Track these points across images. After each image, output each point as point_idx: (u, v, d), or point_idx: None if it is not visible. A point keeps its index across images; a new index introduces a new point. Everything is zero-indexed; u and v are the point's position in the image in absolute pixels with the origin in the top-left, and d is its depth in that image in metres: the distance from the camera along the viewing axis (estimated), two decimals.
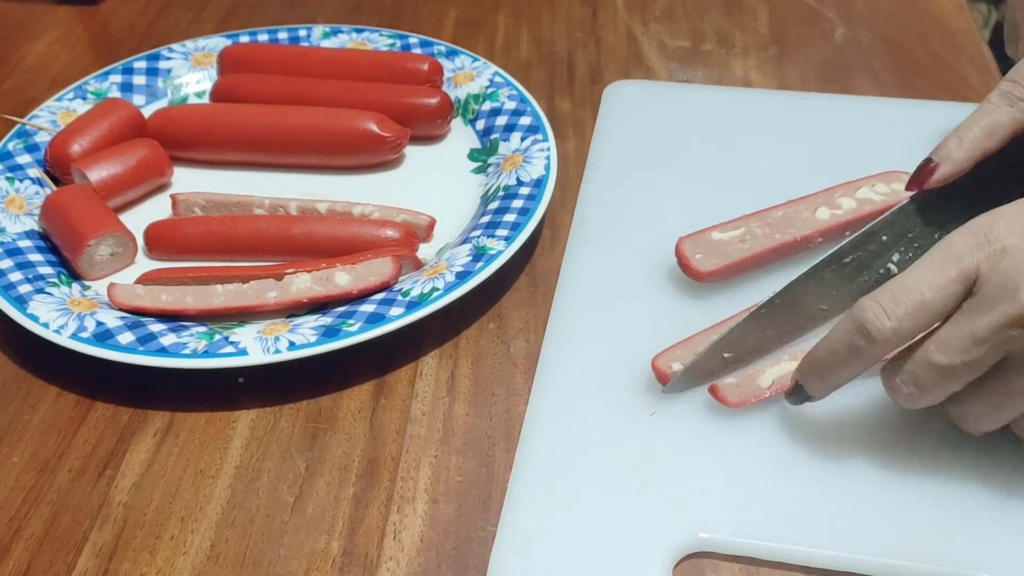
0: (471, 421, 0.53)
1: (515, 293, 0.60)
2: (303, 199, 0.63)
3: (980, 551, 0.44)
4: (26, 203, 0.64)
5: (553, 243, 0.63)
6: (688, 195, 0.64)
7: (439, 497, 0.49)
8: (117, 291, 0.57)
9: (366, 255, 0.57)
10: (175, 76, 0.75)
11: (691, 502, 0.47)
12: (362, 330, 0.53)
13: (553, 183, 0.63)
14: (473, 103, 0.72)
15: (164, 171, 0.67)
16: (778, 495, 0.47)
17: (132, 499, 0.50)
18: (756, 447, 0.49)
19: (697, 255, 0.56)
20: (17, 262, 0.59)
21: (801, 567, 0.45)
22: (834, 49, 0.80)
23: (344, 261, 0.57)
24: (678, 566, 0.45)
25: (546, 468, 0.49)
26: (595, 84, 0.77)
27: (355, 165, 0.68)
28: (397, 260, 0.57)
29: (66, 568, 0.47)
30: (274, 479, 0.50)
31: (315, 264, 0.57)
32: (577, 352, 0.54)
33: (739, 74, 0.78)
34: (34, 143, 0.68)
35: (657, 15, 0.85)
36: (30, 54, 0.83)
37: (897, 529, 0.45)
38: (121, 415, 0.54)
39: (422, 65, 0.72)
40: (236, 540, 0.48)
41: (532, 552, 0.45)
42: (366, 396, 0.54)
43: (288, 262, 0.58)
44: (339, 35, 0.78)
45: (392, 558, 0.47)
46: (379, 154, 0.67)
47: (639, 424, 0.50)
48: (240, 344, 0.53)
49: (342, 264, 0.57)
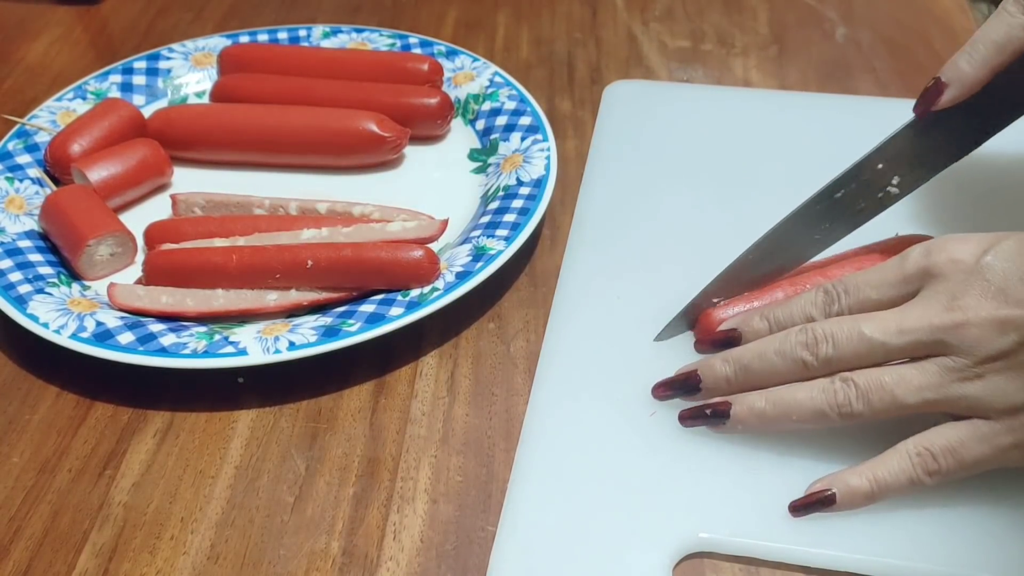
0: (471, 421, 0.53)
1: (515, 293, 0.60)
2: (303, 199, 0.63)
3: (980, 551, 0.44)
4: (26, 203, 0.64)
5: (553, 243, 0.63)
6: (688, 195, 0.64)
7: (439, 497, 0.49)
8: (117, 291, 0.58)
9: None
10: (175, 76, 0.75)
11: (691, 502, 0.47)
12: (362, 330, 0.53)
13: (553, 183, 0.63)
14: (473, 103, 0.72)
15: (164, 171, 0.67)
16: (778, 495, 0.47)
17: (132, 499, 0.50)
18: (756, 447, 0.49)
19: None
20: (17, 262, 0.59)
21: (801, 567, 0.45)
22: (835, 49, 0.80)
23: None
24: (678, 566, 0.45)
25: (546, 468, 0.49)
26: (595, 84, 0.77)
27: (355, 165, 0.68)
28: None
29: (66, 568, 0.47)
30: (274, 479, 0.50)
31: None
32: (577, 352, 0.54)
33: (739, 74, 0.78)
34: (34, 143, 0.68)
35: (657, 15, 0.85)
36: (30, 54, 0.83)
37: (897, 529, 0.45)
38: (121, 415, 0.54)
39: (422, 65, 0.72)
40: (236, 540, 0.48)
41: (532, 552, 0.45)
42: (366, 396, 0.54)
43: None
44: (339, 35, 0.78)
45: (392, 558, 0.47)
46: (379, 154, 0.67)
47: (639, 424, 0.50)
48: (240, 344, 0.53)
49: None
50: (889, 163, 0.51)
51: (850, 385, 0.45)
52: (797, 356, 0.47)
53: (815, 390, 0.46)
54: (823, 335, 0.46)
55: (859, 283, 0.47)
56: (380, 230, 0.59)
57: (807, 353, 0.46)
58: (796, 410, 0.46)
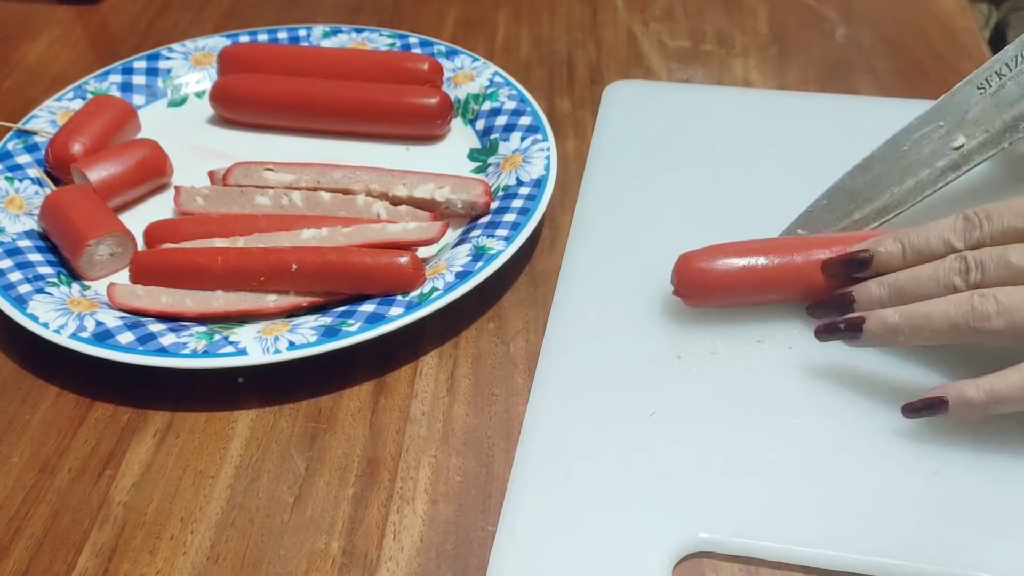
0: (471, 421, 0.53)
1: (515, 293, 0.60)
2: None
3: (980, 551, 0.44)
4: (26, 203, 0.64)
5: (553, 243, 0.63)
6: (688, 195, 0.64)
7: (439, 497, 0.49)
8: (117, 291, 0.58)
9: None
10: (175, 76, 0.75)
11: (691, 502, 0.47)
12: (362, 330, 0.53)
13: (553, 183, 0.62)
14: (473, 103, 0.72)
15: (164, 171, 0.67)
16: (778, 495, 0.47)
17: (132, 499, 0.50)
18: (756, 447, 0.49)
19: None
20: (17, 262, 0.59)
21: (801, 567, 0.45)
22: (835, 49, 0.80)
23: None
24: (678, 566, 0.45)
25: (546, 468, 0.49)
26: (595, 84, 0.77)
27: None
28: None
29: (66, 568, 0.47)
30: (274, 479, 0.50)
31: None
32: (577, 352, 0.54)
33: (739, 74, 0.78)
34: (34, 143, 0.68)
35: (657, 15, 0.85)
36: (30, 54, 0.83)
37: (897, 529, 0.45)
38: (121, 415, 0.54)
39: (422, 65, 0.72)
40: (236, 540, 0.48)
41: (532, 552, 0.45)
42: (366, 396, 0.54)
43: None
44: (339, 35, 0.78)
45: (392, 558, 0.47)
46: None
47: (639, 424, 0.50)
48: (240, 344, 0.53)
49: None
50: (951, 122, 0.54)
51: (990, 300, 0.45)
52: (950, 282, 0.47)
53: (950, 304, 0.46)
54: (974, 263, 0.47)
55: (1002, 211, 0.48)
56: (381, 231, 0.59)
57: (959, 279, 0.47)
58: (929, 324, 0.47)
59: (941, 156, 0.55)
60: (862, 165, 0.57)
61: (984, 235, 0.48)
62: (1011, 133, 0.54)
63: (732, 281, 0.53)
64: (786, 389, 0.51)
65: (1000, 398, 0.45)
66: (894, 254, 0.50)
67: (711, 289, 0.53)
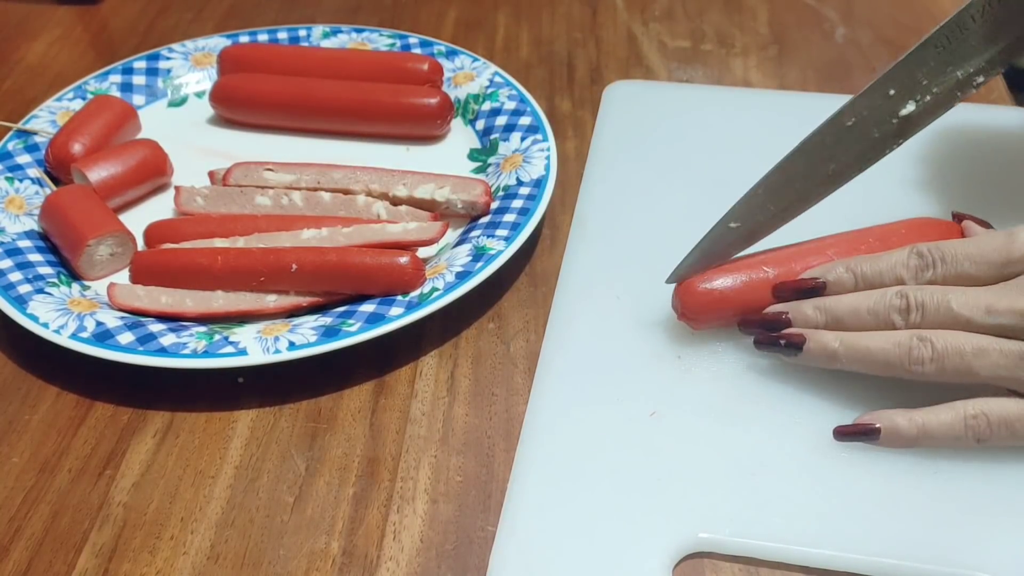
0: (471, 421, 0.53)
1: (515, 293, 0.60)
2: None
3: (980, 551, 0.44)
4: (26, 203, 0.64)
5: (553, 243, 0.63)
6: (688, 195, 0.64)
7: (439, 497, 0.49)
8: (117, 291, 0.58)
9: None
10: (175, 76, 0.75)
11: (691, 502, 0.47)
12: (362, 330, 0.53)
13: (553, 183, 0.63)
14: (473, 103, 0.72)
15: (164, 171, 0.67)
16: (778, 495, 0.47)
17: (132, 499, 0.50)
18: (756, 447, 0.49)
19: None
20: (17, 262, 0.59)
21: (801, 567, 0.45)
22: (834, 49, 0.80)
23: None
24: (678, 566, 0.45)
25: (546, 468, 0.49)
26: (595, 84, 0.77)
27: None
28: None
29: (66, 568, 0.47)
30: (274, 479, 0.50)
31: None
32: (577, 352, 0.54)
33: (739, 74, 0.78)
34: (34, 143, 0.68)
35: (657, 15, 0.85)
36: (30, 54, 0.83)
37: (897, 529, 0.45)
38: (121, 415, 0.54)
39: (422, 65, 0.72)
40: (236, 540, 0.48)
41: (532, 552, 0.45)
42: (366, 396, 0.54)
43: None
44: (339, 35, 0.78)
45: (392, 558, 0.47)
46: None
47: (639, 424, 0.50)
48: (240, 344, 0.53)
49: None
50: (902, 87, 0.50)
51: (927, 345, 0.46)
52: (889, 319, 0.48)
53: (890, 342, 0.47)
54: (915, 303, 0.47)
55: (957, 254, 0.48)
56: (381, 231, 0.59)
57: (898, 316, 0.47)
58: (867, 358, 0.47)
59: (883, 124, 0.52)
60: (799, 147, 0.54)
61: (936, 276, 0.48)
62: (964, 89, 0.51)
63: (736, 301, 0.52)
64: (786, 389, 0.51)
65: (929, 435, 0.46)
66: (845, 284, 0.50)
67: (715, 311, 0.53)
